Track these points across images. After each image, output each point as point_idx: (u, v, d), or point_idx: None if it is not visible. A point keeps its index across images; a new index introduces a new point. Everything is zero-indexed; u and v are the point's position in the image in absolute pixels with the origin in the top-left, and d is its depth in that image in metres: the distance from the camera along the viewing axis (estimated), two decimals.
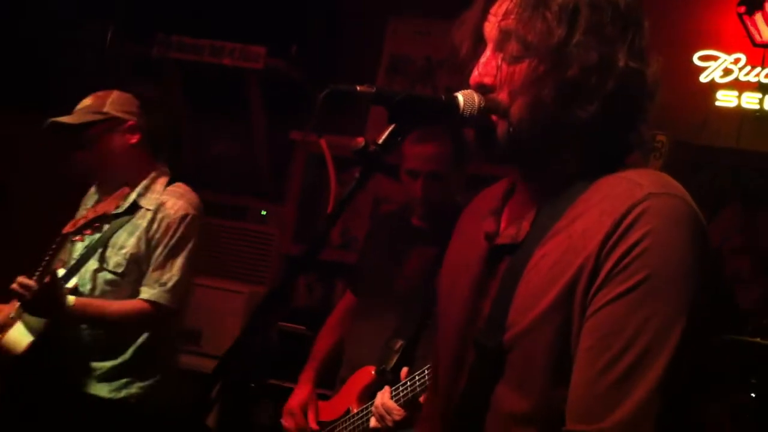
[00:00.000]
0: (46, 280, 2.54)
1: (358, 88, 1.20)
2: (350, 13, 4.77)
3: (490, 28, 1.26)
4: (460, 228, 1.52)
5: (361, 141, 1.17)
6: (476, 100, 1.24)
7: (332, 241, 4.67)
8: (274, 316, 3.99)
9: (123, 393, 2.75)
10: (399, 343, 2.55)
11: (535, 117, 1.21)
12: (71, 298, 2.61)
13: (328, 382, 2.88)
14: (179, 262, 2.75)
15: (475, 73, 1.26)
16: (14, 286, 2.55)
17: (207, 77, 4.65)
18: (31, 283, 2.54)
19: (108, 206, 2.69)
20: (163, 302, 2.71)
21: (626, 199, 1.14)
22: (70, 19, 4.32)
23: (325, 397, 2.82)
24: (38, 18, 4.18)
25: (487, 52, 1.26)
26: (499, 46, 1.24)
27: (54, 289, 2.55)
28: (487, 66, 1.25)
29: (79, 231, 2.70)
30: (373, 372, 2.58)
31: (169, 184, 2.86)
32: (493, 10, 1.27)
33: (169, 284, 2.72)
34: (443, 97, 1.25)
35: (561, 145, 1.24)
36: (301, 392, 2.83)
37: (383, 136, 1.19)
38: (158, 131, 2.93)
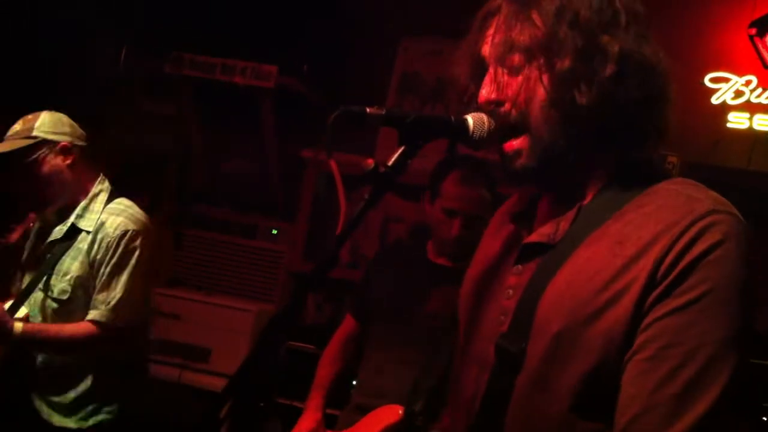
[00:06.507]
0: None
1: (367, 110, 1.21)
2: (362, 31, 4.80)
3: (487, 47, 1.28)
4: (486, 239, 1.50)
5: (371, 163, 1.18)
6: (486, 123, 1.24)
7: (341, 259, 4.66)
8: (284, 335, 3.98)
9: (91, 421, 2.71)
10: (427, 385, 2.51)
11: (543, 117, 1.21)
12: (18, 326, 2.57)
13: (332, 401, 2.85)
14: (123, 279, 2.69)
15: (482, 92, 1.27)
16: None
17: (219, 94, 4.68)
18: None
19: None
20: (106, 321, 2.65)
21: (687, 212, 1.14)
22: (84, 29, 4.35)
23: (332, 418, 2.78)
24: (53, 27, 4.20)
25: (490, 70, 1.27)
26: (498, 61, 1.25)
27: None
28: (491, 83, 1.26)
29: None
30: (400, 412, 2.51)
31: (109, 199, 2.79)
32: (488, 32, 1.28)
33: (112, 303, 2.66)
34: (452, 118, 1.25)
35: (579, 148, 1.23)
36: (309, 419, 2.77)
37: (393, 158, 1.19)
38: (96, 146, 2.83)
